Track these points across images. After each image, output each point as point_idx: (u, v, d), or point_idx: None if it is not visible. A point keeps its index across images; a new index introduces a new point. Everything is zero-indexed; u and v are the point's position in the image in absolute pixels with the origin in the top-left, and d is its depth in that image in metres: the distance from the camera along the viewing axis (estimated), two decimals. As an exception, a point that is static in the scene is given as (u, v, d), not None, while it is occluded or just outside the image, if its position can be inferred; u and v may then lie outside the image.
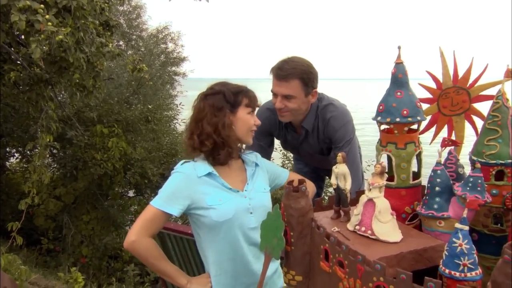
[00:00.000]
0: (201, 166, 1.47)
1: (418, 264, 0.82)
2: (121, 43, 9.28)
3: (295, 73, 1.85)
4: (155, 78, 8.11)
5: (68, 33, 2.43)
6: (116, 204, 7.05)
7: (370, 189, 0.90)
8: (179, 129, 8.18)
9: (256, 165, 1.60)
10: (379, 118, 0.97)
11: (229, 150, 1.49)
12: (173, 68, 10.68)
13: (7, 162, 6.84)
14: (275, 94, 1.90)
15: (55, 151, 6.36)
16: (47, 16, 2.35)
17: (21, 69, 3.46)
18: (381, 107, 0.97)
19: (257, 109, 1.57)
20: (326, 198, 2.10)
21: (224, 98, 1.49)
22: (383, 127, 0.99)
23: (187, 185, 1.42)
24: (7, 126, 5.91)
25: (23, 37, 3.06)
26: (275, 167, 1.75)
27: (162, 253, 1.45)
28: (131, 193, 7.52)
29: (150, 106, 7.02)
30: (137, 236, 1.37)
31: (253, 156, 1.64)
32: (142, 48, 9.53)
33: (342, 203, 1.00)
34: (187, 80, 11.05)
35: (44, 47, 2.29)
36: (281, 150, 4.50)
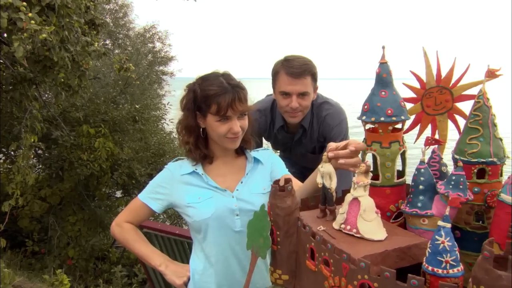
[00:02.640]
0: (186, 165, 1.43)
1: (402, 261, 0.82)
2: (107, 42, 9.17)
3: (308, 69, 1.83)
4: (142, 77, 8.04)
5: (52, 32, 2.39)
6: (103, 205, 6.97)
7: (355, 188, 0.91)
8: (167, 129, 8.13)
9: (257, 162, 1.48)
10: (364, 118, 0.98)
11: (202, 152, 1.40)
12: (161, 68, 10.60)
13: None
14: (287, 94, 1.84)
15: (40, 151, 6.26)
16: (30, 14, 2.31)
17: (3, 68, 3.39)
18: (366, 107, 0.98)
19: (235, 114, 1.35)
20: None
21: (194, 99, 1.37)
22: (368, 126, 1.00)
23: (168, 183, 1.41)
24: (-10, 126, 5.79)
25: (5, 35, 3.00)
26: (279, 166, 1.54)
27: (141, 236, 1.44)
28: (118, 194, 7.44)
29: (137, 106, 6.95)
30: (118, 221, 1.44)
31: (260, 153, 1.51)
32: (129, 47, 9.43)
33: (327, 202, 1.01)
34: (175, 79, 10.98)
35: (28, 46, 2.25)
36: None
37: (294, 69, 1.80)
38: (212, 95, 1.31)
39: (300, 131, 2.04)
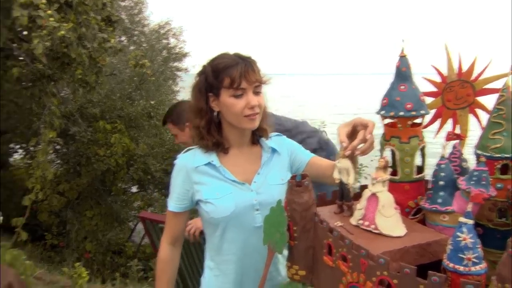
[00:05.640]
0: (200, 154, 1.31)
1: (422, 258, 0.81)
2: (123, 38, 9.26)
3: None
4: (157, 73, 8.10)
5: (70, 29, 2.43)
6: (120, 199, 7.08)
7: (373, 184, 0.90)
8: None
9: (274, 152, 1.37)
10: (382, 112, 0.97)
11: (214, 139, 1.29)
12: (175, 64, 10.66)
13: (10, 158, 6.87)
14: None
15: (58, 147, 6.39)
16: (49, 12, 2.34)
17: (23, 65, 3.46)
18: (384, 101, 0.97)
19: (250, 87, 1.23)
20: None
21: (205, 80, 1.27)
22: (386, 121, 0.98)
23: (185, 181, 1.31)
24: (11, 122, 5.93)
25: (25, 33, 3.06)
26: (300, 150, 1.43)
27: (167, 274, 1.39)
28: (134, 189, 7.55)
29: (152, 102, 7.02)
30: (161, 244, 1.40)
31: (275, 140, 1.40)
32: (144, 43, 9.51)
33: (345, 197, 1.00)
34: (189, 75, 11.03)
35: (47, 43, 2.29)
36: None
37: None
38: (223, 67, 1.23)
39: None
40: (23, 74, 3.59)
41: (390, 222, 0.87)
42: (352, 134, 1.07)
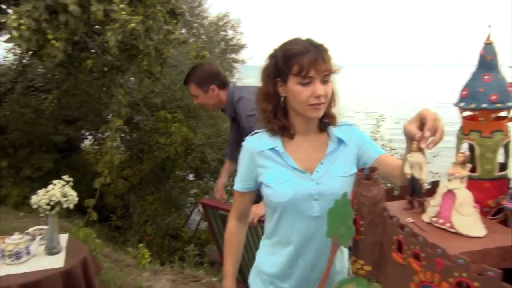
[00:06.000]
0: (266, 138, 1.33)
1: (505, 262, 0.75)
2: (183, 31, 9.56)
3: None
4: (215, 65, 8.26)
5: (139, 22, 2.55)
6: (177, 186, 7.38)
7: (450, 180, 0.84)
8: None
9: (340, 143, 1.33)
10: (462, 104, 0.90)
11: (281, 123, 1.29)
12: (232, 55, 10.80)
13: (82, 144, 7.43)
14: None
15: (123, 134, 6.79)
16: (121, 6, 2.48)
17: (95, 57, 3.71)
18: (464, 92, 0.90)
19: (319, 76, 1.21)
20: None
21: (275, 64, 1.27)
22: (465, 113, 0.92)
23: (249, 163, 1.35)
24: (82, 110, 6.40)
25: (97, 27, 3.27)
26: (368, 143, 1.37)
27: (235, 246, 1.48)
28: (191, 177, 7.81)
29: (210, 93, 7.18)
30: (229, 218, 1.49)
31: (344, 130, 1.36)
32: (203, 35, 9.74)
33: (416, 193, 0.95)
34: (246, 67, 11.13)
35: (119, 36, 2.43)
36: None
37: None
38: (293, 54, 1.21)
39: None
40: (95, 66, 3.85)
41: (468, 221, 0.81)
42: (421, 128, 1.01)
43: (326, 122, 1.35)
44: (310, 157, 1.31)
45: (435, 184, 0.98)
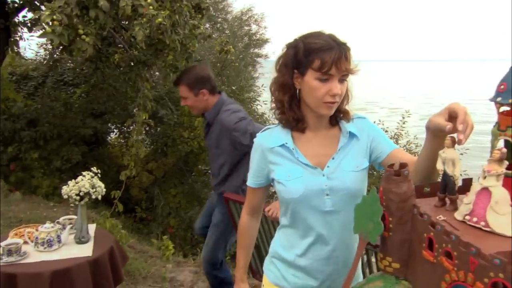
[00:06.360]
0: (277, 134, 1.33)
1: (543, 263, 0.72)
2: (207, 25, 9.62)
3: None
4: (238, 59, 8.29)
5: (166, 16, 2.58)
6: (200, 180, 7.46)
7: (485, 177, 0.82)
8: (259, 111, 8.31)
9: (352, 137, 1.31)
10: (499, 99, 0.87)
11: (295, 115, 1.28)
12: (255, 50, 10.80)
13: (108, 137, 7.61)
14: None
15: (148, 128, 6.91)
16: (148, 0, 2.52)
17: (122, 52, 3.78)
18: (502, 87, 0.87)
19: (338, 75, 1.20)
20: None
21: (294, 55, 1.24)
22: (502, 108, 0.88)
23: (260, 159, 1.35)
24: (109, 104, 6.54)
25: (124, 22, 3.33)
26: (381, 137, 1.34)
27: (246, 240, 1.53)
28: (212, 171, 7.86)
29: (234, 88, 7.21)
30: (242, 213, 1.53)
31: (357, 123, 1.33)
32: (227, 30, 9.77)
33: (448, 190, 0.92)
34: (269, 61, 11.11)
35: (146, 30, 2.47)
36: None
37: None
38: (317, 48, 1.19)
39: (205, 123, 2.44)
40: (122, 60, 3.93)
41: (504, 220, 0.78)
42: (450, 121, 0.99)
43: (338, 116, 1.33)
44: (321, 152, 1.30)
45: (467, 182, 0.95)
